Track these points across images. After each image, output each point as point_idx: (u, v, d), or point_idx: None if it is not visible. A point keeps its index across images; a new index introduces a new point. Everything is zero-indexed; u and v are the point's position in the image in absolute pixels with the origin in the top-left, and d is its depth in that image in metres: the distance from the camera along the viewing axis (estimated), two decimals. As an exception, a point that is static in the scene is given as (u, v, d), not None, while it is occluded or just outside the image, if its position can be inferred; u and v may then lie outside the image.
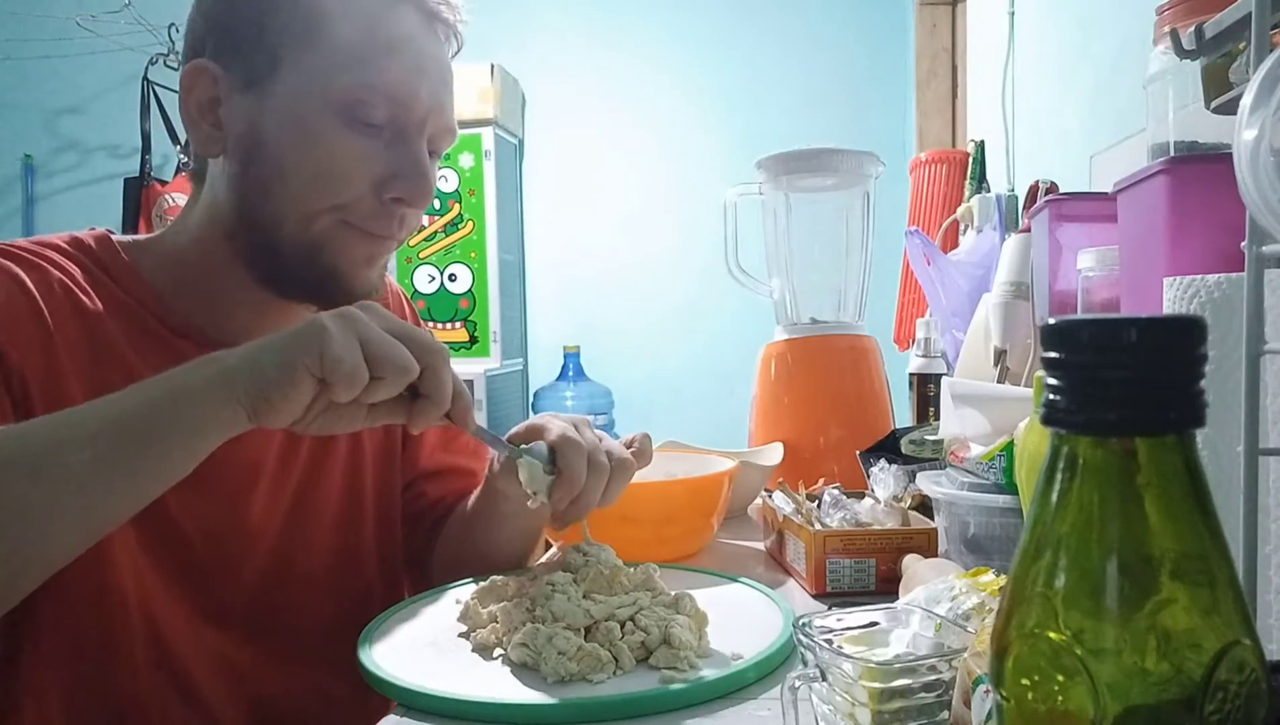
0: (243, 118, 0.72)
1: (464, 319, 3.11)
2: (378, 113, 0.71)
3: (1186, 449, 0.27)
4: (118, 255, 0.75)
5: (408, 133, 0.73)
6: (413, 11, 0.74)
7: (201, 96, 0.72)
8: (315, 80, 0.70)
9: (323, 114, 0.71)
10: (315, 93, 0.70)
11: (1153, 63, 0.69)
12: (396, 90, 0.72)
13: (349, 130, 0.71)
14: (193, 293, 0.77)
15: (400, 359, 0.60)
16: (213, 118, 0.73)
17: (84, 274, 0.73)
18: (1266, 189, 0.40)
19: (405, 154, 0.73)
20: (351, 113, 0.71)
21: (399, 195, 0.74)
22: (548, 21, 3.32)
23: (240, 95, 0.72)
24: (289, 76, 0.71)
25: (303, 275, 0.75)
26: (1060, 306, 0.92)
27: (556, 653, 0.65)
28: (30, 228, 3.50)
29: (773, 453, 1.30)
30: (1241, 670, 0.27)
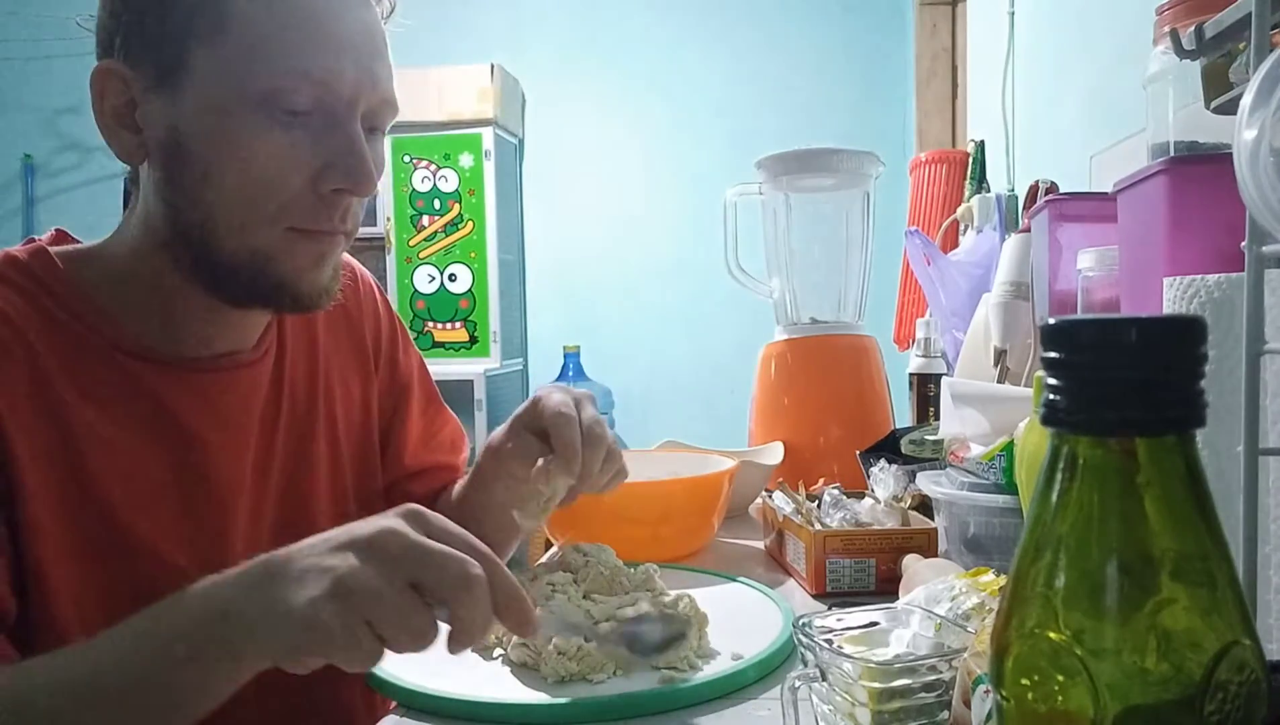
0: (159, 121, 0.66)
1: (464, 319, 3.11)
2: (301, 99, 0.65)
3: (1186, 449, 0.27)
4: (57, 270, 0.69)
5: (337, 115, 0.67)
6: None
7: (114, 101, 0.67)
8: (228, 73, 0.64)
9: (241, 110, 0.64)
10: (230, 87, 0.64)
11: (1153, 63, 0.69)
12: (318, 71, 0.64)
13: (272, 124, 0.64)
14: (143, 306, 0.71)
15: (414, 635, 0.51)
16: (130, 122, 0.67)
17: (18, 297, 0.67)
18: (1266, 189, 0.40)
19: (339, 140, 0.67)
20: (272, 103, 0.64)
21: (338, 185, 0.67)
22: (548, 21, 3.32)
23: (153, 96, 0.66)
24: (200, 71, 0.64)
25: (249, 285, 0.69)
26: (1060, 306, 0.92)
27: (556, 653, 0.65)
28: (30, 228, 3.50)
29: (773, 452, 1.30)
30: (1241, 670, 0.27)
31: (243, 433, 0.76)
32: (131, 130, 0.67)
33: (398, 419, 0.92)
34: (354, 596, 0.49)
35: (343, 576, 0.50)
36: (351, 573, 0.50)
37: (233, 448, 0.75)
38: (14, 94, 3.49)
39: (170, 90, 0.65)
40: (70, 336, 0.68)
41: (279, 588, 0.51)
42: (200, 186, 0.66)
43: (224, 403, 0.75)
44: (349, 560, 0.51)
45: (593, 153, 3.35)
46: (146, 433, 0.70)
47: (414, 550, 0.51)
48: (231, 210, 0.66)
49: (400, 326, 0.96)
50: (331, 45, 0.65)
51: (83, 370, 0.68)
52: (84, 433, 0.66)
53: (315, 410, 0.83)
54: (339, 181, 0.67)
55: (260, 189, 0.66)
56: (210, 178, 0.65)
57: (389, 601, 0.50)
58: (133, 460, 0.69)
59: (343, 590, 0.49)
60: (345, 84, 0.66)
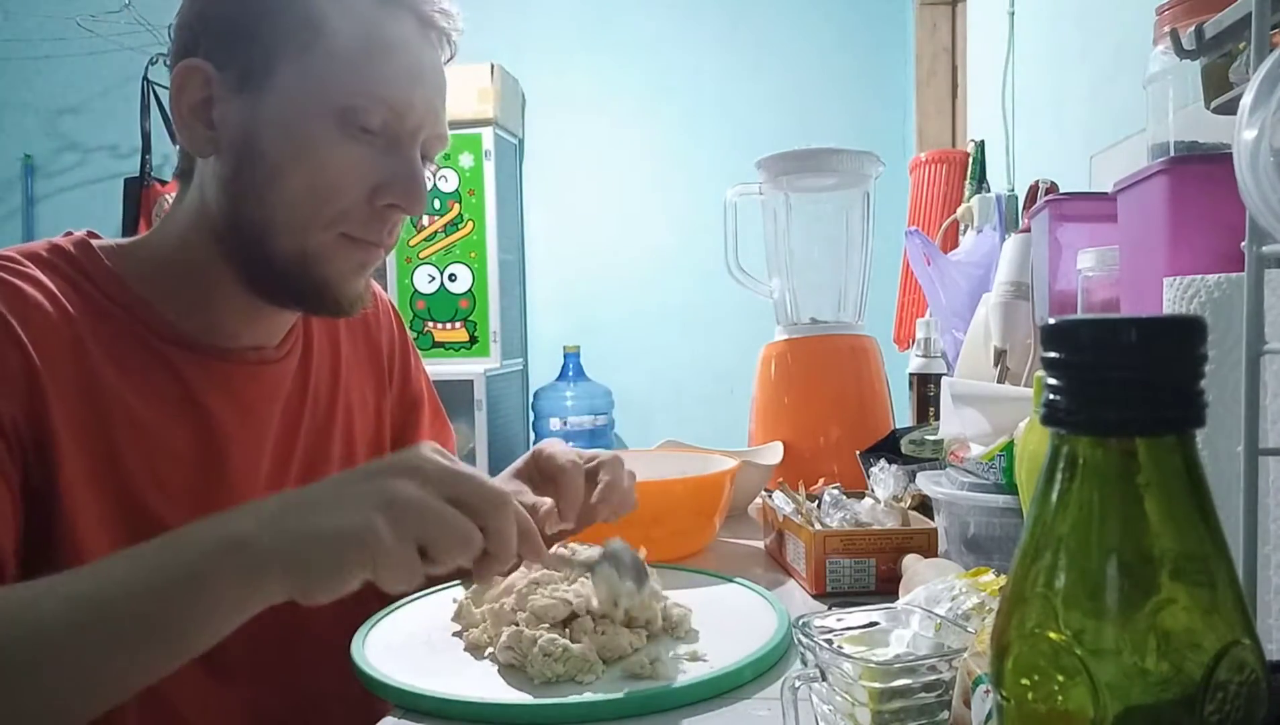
0: (237, 120, 0.70)
1: (464, 319, 3.11)
2: (373, 119, 0.71)
3: (1186, 449, 0.27)
4: (99, 261, 0.74)
5: (401, 139, 0.73)
6: (410, 18, 0.73)
7: (194, 97, 0.71)
8: (312, 86, 0.70)
9: (320, 120, 0.70)
10: (312, 98, 0.70)
11: (1153, 63, 0.69)
12: (393, 97, 0.71)
13: (345, 137, 0.70)
14: (180, 296, 0.75)
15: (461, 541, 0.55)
16: (205, 118, 0.71)
17: (63, 284, 0.71)
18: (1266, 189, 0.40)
19: (400, 161, 0.73)
20: (347, 119, 0.70)
21: (393, 201, 0.73)
22: (548, 21, 3.32)
23: (234, 97, 0.70)
24: (285, 80, 0.70)
25: (293, 284, 0.74)
26: (1060, 306, 0.92)
27: (542, 655, 0.65)
28: (30, 227, 3.50)
29: (773, 452, 1.30)
30: (1241, 670, 0.27)
31: (263, 426, 0.79)
32: (206, 125, 0.71)
33: (410, 431, 0.95)
34: (407, 510, 0.53)
35: (393, 495, 0.53)
36: (399, 491, 0.54)
37: (252, 440, 0.78)
38: (14, 94, 3.49)
39: (252, 93, 0.70)
40: (111, 323, 0.71)
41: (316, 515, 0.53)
42: (267, 185, 0.70)
43: (247, 395, 0.78)
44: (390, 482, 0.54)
45: (593, 153, 3.35)
46: (174, 417, 0.73)
47: (448, 472, 0.56)
48: (293, 210, 0.71)
49: (411, 341, 0.99)
50: (405, 76, 0.72)
51: (121, 354, 0.71)
52: (118, 412, 0.69)
53: (334, 414, 0.86)
54: (394, 198, 0.73)
55: (323, 194, 0.71)
56: (278, 178, 0.70)
57: (439, 513, 0.54)
58: (159, 442, 0.72)
59: (396, 505, 0.53)
60: (413, 112, 0.72)
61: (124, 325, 0.72)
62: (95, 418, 0.68)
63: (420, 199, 0.74)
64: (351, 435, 0.88)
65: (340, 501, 0.54)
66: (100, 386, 0.69)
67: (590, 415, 3.16)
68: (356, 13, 0.71)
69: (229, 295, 0.75)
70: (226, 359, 0.77)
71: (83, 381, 0.68)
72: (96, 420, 0.68)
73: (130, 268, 0.75)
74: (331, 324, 0.89)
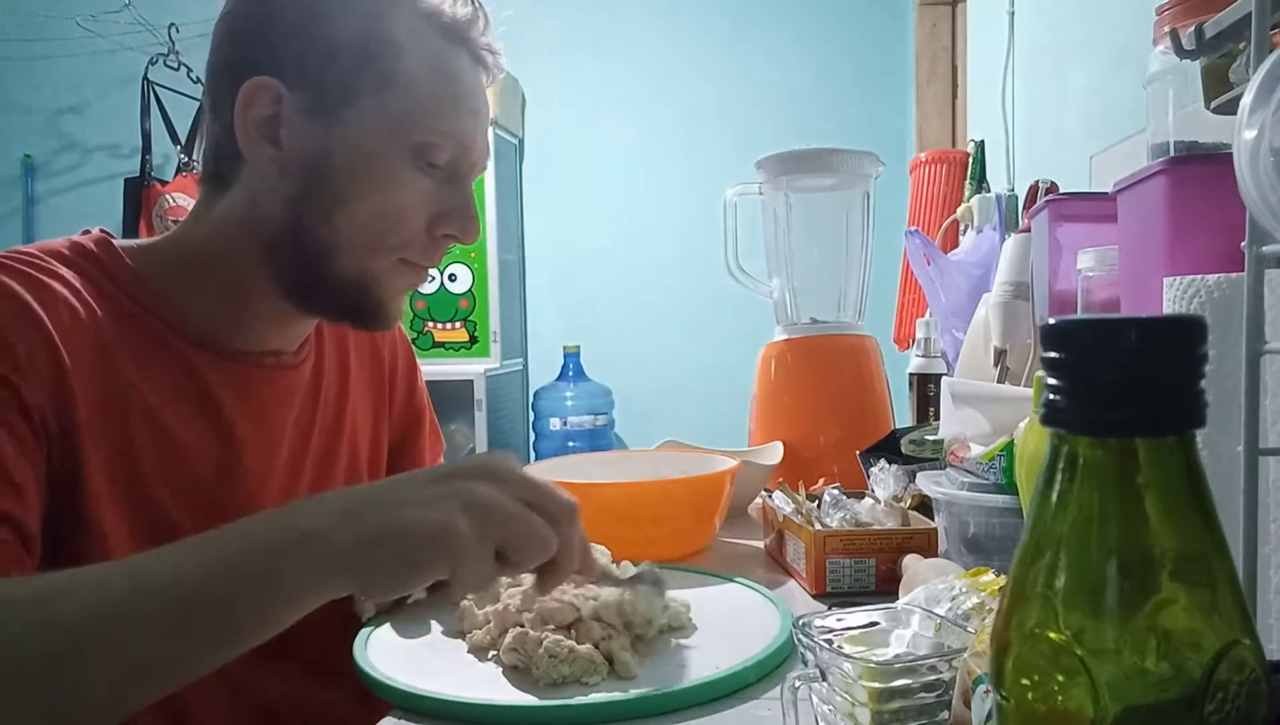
0: (308, 142, 0.72)
1: (464, 319, 3.11)
2: (443, 156, 0.74)
3: (1186, 449, 0.27)
4: (121, 259, 0.74)
5: (461, 173, 0.77)
6: (466, 54, 0.76)
7: (261, 113, 0.71)
8: (391, 119, 0.72)
9: (395, 153, 0.72)
10: (390, 132, 0.72)
11: (1153, 63, 0.69)
12: (462, 135, 0.75)
13: (415, 170, 0.73)
14: (209, 298, 0.76)
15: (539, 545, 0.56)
16: (271, 135, 0.72)
17: (86, 282, 0.71)
18: (1266, 189, 0.40)
19: (458, 194, 0.77)
20: (421, 154, 0.73)
21: (450, 232, 0.77)
22: (548, 22, 3.32)
23: (305, 118, 0.71)
24: (364, 111, 0.71)
25: (345, 301, 0.76)
26: (1060, 306, 0.92)
27: (548, 656, 0.65)
28: (30, 227, 3.50)
29: (773, 452, 1.30)
30: (1241, 670, 0.27)
31: (277, 430, 0.80)
32: (272, 143, 0.72)
33: (411, 446, 0.97)
34: (490, 511, 0.54)
35: (474, 496, 0.54)
36: (480, 494, 0.55)
37: (266, 443, 0.79)
38: (14, 94, 3.49)
39: (325, 119, 0.71)
40: (132, 321, 0.72)
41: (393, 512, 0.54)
42: (335, 207, 0.72)
43: (262, 398, 0.79)
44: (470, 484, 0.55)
45: (593, 153, 3.35)
46: (192, 417, 0.74)
47: (524, 477, 0.57)
48: (359, 234, 0.73)
49: (415, 356, 1.01)
50: (471, 116, 0.76)
51: (142, 352, 0.72)
52: (137, 408, 0.70)
53: (342, 423, 0.88)
54: (452, 228, 0.77)
55: (390, 222, 0.74)
56: (348, 202, 0.72)
57: (520, 516, 0.55)
58: (175, 440, 0.72)
59: (477, 506, 0.54)
60: (475, 149, 0.77)
61: (144, 324, 0.73)
62: (117, 412, 0.69)
63: (475, 230, 0.78)
64: (356, 445, 0.89)
65: (419, 501, 0.54)
66: (121, 383, 0.70)
67: (590, 415, 3.16)
68: (428, 49, 0.73)
69: (263, 302, 0.76)
70: (245, 362, 0.78)
71: (105, 377, 0.69)
72: (118, 415, 0.69)
73: (153, 267, 0.75)
74: (340, 335, 0.90)
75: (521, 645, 0.67)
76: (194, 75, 2.94)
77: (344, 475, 0.87)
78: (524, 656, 0.67)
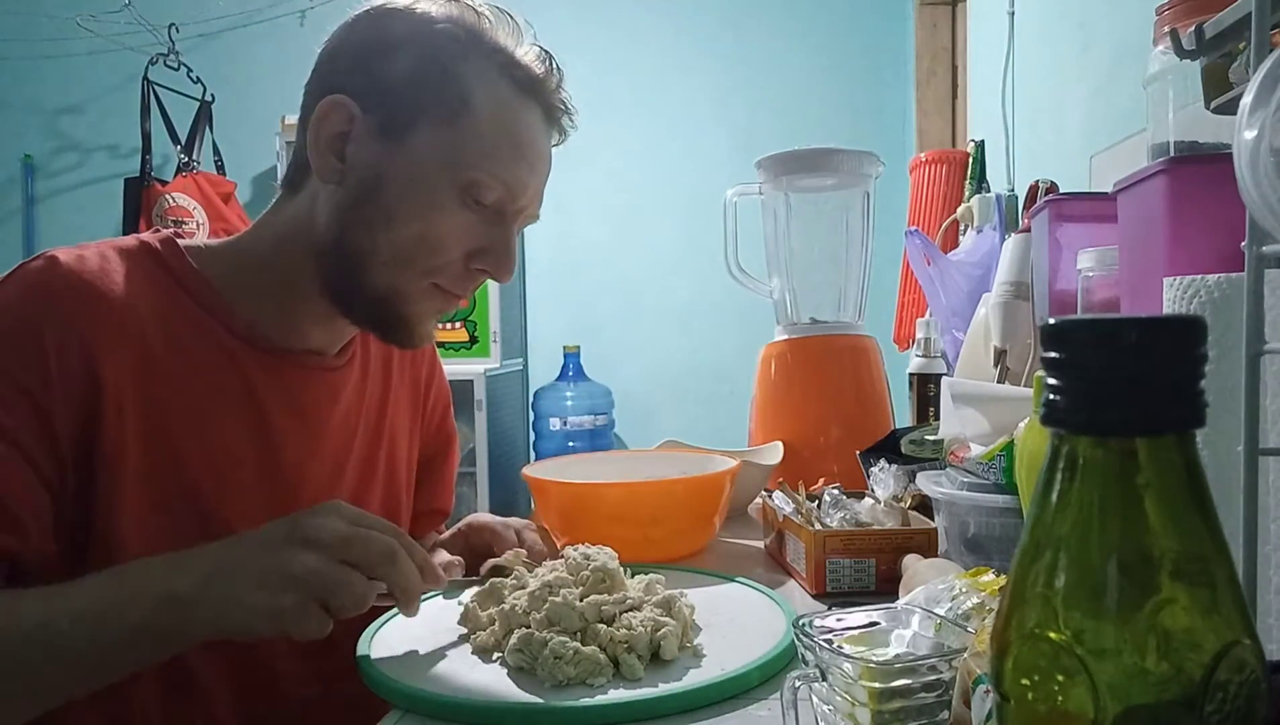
0: (370, 160, 0.76)
1: (464, 319, 3.11)
2: (489, 196, 0.77)
3: (1186, 449, 0.27)
4: (184, 259, 0.79)
5: (505, 215, 0.80)
6: (539, 109, 0.81)
7: (333, 129, 0.76)
8: (446, 153, 0.75)
9: (446, 185, 0.76)
10: (443, 164, 0.75)
11: (1153, 63, 0.69)
12: (512, 180, 0.78)
13: (461, 205, 0.77)
14: (262, 295, 0.80)
15: (355, 600, 0.63)
16: (339, 150, 0.76)
17: (147, 281, 0.75)
18: (1266, 189, 0.40)
19: (500, 234, 0.80)
20: (469, 191, 0.76)
21: (485, 267, 0.80)
22: (547, 22, 3.32)
23: (372, 139, 0.76)
24: (424, 140, 0.75)
25: (375, 312, 0.80)
26: (1060, 306, 0.92)
27: (554, 658, 0.65)
28: (30, 227, 3.49)
29: (773, 452, 1.30)
30: (1241, 670, 0.27)
31: (318, 428, 0.84)
32: (338, 156, 0.77)
33: (439, 467, 1.04)
34: (307, 584, 0.62)
35: (294, 572, 0.62)
36: (301, 566, 0.62)
37: (307, 440, 0.83)
38: (14, 94, 3.49)
39: (389, 142, 0.76)
40: (190, 321, 0.77)
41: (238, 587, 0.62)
42: (380, 223, 0.76)
43: (302, 395, 0.83)
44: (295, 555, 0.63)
45: (593, 153, 3.35)
46: (233, 409, 0.78)
47: (345, 537, 0.64)
48: (396, 252, 0.77)
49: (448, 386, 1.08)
50: (526, 164, 0.79)
51: (193, 349, 0.76)
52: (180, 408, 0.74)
53: (382, 432, 0.92)
54: (487, 265, 0.80)
55: (428, 247, 0.77)
56: (393, 222, 0.76)
57: (334, 579, 0.62)
58: (219, 438, 0.76)
59: (296, 582, 0.62)
60: (524, 195, 0.80)
61: (199, 322, 0.77)
62: (156, 407, 0.73)
63: (510, 271, 0.81)
64: (394, 454, 0.94)
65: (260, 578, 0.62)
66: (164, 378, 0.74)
67: (590, 415, 3.16)
68: (498, 98, 0.77)
69: (309, 302, 0.80)
70: (288, 359, 0.82)
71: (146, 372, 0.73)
72: (157, 410, 0.73)
73: (215, 268, 0.80)
74: (385, 351, 0.94)
75: (527, 646, 0.67)
76: (194, 75, 2.94)
77: (382, 481, 0.92)
78: (529, 657, 0.67)
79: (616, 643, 0.68)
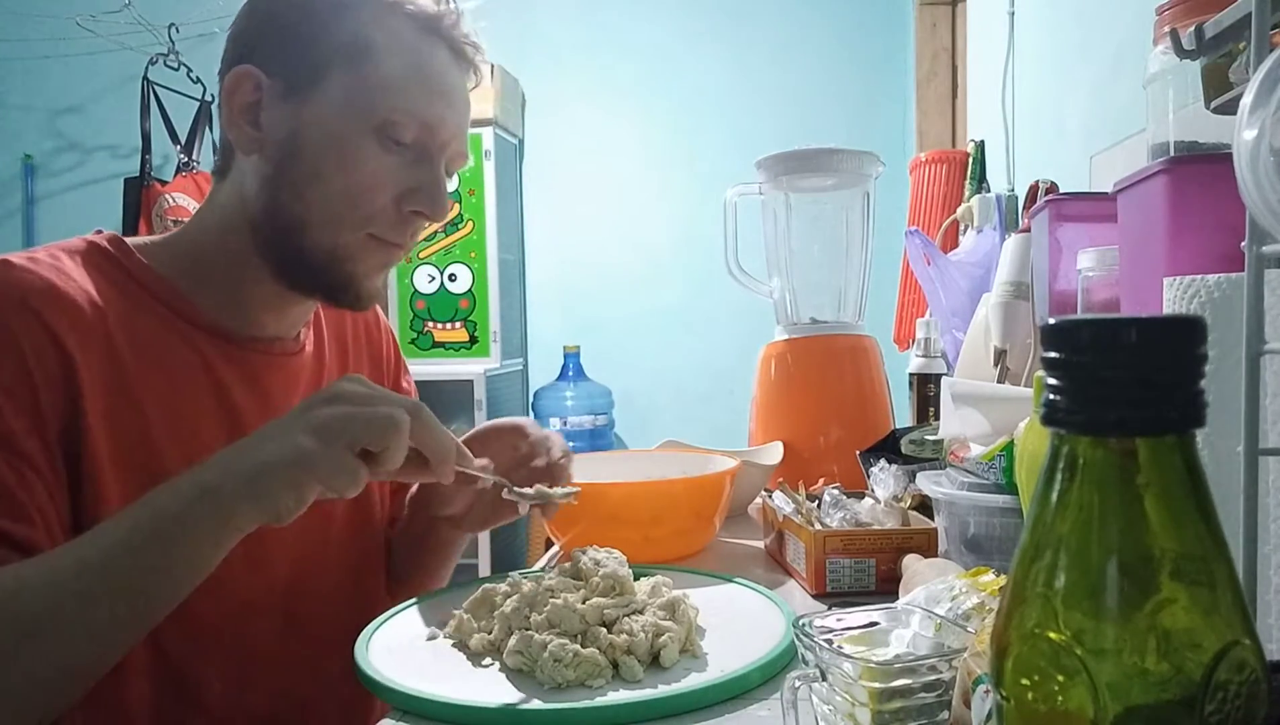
0: (283, 123, 0.76)
1: (464, 319, 3.11)
2: (407, 134, 0.77)
3: (1186, 449, 0.27)
4: (133, 255, 0.78)
5: (430, 153, 0.79)
6: (444, 47, 0.80)
7: (244, 99, 0.77)
8: (356, 100, 0.76)
9: (360, 131, 0.76)
10: (354, 111, 0.75)
11: (1153, 63, 0.69)
12: (426, 115, 0.78)
13: (381, 148, 0.77)
14: (214, 285, 0.80)
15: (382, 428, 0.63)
16: (253, 119, 0.77)
17: (100, 277, 0.75)
18: (1266, 189, 0.40)
19: (427, 172, 0.79)
20: (385, 132, 0.76)
21: (418, 209, 0.79)
22: (548, 21, 3.32)
23: (281, 102, 0.76)
24: (332, 92, 0.76)
25: (320, 277, 0.79)
26: (1060, 306, 0.92)
27: (553, 660, 0.65)
28: (30, 227, 3.50)
29: (773, 452, 1.30)
30: (1241, 670, 0.26)
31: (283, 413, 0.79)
32: (253, 126, 0.77)
33: None
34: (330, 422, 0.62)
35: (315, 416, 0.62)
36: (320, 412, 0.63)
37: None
38: (14, 94, 3.49)
39: (297, 101, 0.76)
40: (146, 314, 0.76)
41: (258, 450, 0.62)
42: (306, 184, 0.76)
43: (268, 384, 0.82)
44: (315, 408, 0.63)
45: (593, 153, 3.35)
46: (204, 405, 0.78)
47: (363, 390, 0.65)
48: (327, 209, 0.77)
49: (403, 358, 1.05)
50: (439, 98, 0.79)
51: (155, 344, 0.76)
52: (151, 399, 0.74)
53: None
54: (420, 205, 0.79)
55: (357, 197, 0.77)
56: (318, 179, 0.76)
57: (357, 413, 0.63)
58: (190, 428, 0.76)
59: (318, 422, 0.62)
60: (443, 131, 0.79)
61: (158, 316, 0.77)
62: (128, 404, 0.72)
63: (443, 206, 0.80)
64: None
65: (275, 435, 0.63)
66: (130, 375, 0.73)
67: (590, 415, 3.16)
68: (399, 37, 0.77)
69: (259, 285, 0.80)
70: (252, 349, 0.81)
71: (114, 371, 0.72)
72: (129, 407, 0.72)
73: (165, 261, 0.79)
74: (339, 326, 0.94)
75: (526, 648, 0.67)
76: (194, 75, 2.94)
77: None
78: (528, 659, 0.67)
79: (616, 648, 0.67)
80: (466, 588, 0.84)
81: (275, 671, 0.79)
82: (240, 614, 0.77)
